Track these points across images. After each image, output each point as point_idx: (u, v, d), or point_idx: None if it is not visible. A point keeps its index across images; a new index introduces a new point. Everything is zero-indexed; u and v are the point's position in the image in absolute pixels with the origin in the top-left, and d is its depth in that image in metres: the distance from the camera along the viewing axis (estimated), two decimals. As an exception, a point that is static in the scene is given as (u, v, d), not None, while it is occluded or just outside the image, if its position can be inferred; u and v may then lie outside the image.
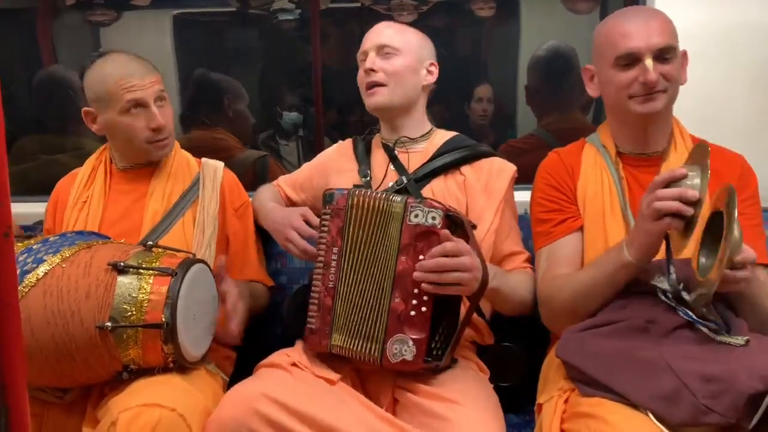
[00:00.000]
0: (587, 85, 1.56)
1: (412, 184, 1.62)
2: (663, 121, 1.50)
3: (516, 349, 1.59)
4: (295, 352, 1.47)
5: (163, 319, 1.35)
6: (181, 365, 1.41)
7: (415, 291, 1.35)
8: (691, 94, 1.55)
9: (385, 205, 1.40)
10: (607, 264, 1.38)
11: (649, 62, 1.40)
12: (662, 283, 1.33)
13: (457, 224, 1.39)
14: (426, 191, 1.62)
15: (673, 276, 1.32)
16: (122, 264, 1.37)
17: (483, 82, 3.30)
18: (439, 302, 1.37)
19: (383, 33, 1.68)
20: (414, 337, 1.35)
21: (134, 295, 1.36)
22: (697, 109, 1.67)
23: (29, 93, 2.88)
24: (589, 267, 1.45)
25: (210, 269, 1.53)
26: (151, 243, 1.48)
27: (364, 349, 1.39)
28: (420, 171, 1.64)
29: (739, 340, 1.25)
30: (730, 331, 1.28)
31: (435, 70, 1.70)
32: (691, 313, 1.29)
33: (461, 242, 1.34)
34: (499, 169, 1.65)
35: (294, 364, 1.42)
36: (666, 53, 1.42)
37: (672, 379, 1.20)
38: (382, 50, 1.64)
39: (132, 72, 1.61)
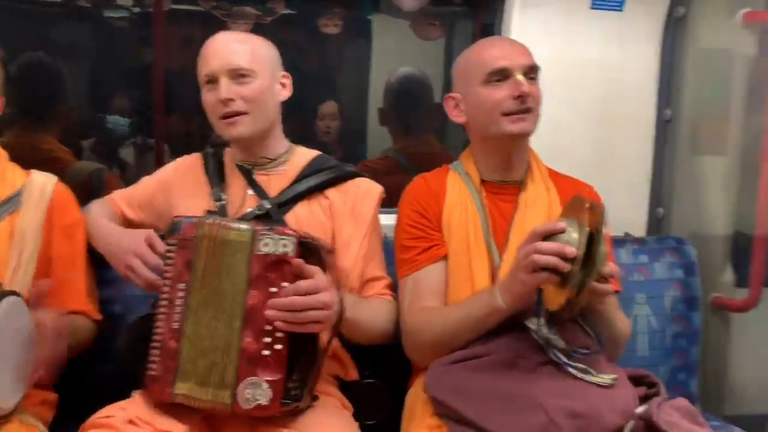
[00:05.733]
0: (451, 113, 1.56)
1: (275, 210, 1.49)
2: (525, 146, 1.55)
3: (381, 386, 1.52)
4: (133, 405, 1.28)
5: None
6: (-14, 419, 1.17)
7: (268, 328, 1.23)
8: (542, 125, 1.60)
9: (233, 234, 1.26)
10: (478, 307, 1.36)
11: (520, 77, 1.45)
12: (533, 323, 1.32)
13: (312, 251, 1.29)
14: (289, 217, 1.50)
15: (543, 322, 1.31)
16: None
17: (327, 99, 3.26)
18: (295, 337, 1.26)
19: (232, 53, 1.47)
20: (269, 378, 1.22)
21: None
22: (545, 140, 1.72)
23: None
24: (458, 306, 1.42)
25: (24, 301, 1.29)
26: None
27: (212, 397, 1.24)
28: (283, 195, 1.52)
29: (606, 379, 1.28)
30: (592, 364, 1.31)
31: (288, 82, 1.57)
32: (561, 356, 1.30)
33: (319, 275, 1.25)
34: (366, 191, 1.57)
35: (131, 421, 1.23)
36: (532, 72, 1.48)
37: (541, 415, 1.21)
38: (235, 74, 1.46)
39: None
